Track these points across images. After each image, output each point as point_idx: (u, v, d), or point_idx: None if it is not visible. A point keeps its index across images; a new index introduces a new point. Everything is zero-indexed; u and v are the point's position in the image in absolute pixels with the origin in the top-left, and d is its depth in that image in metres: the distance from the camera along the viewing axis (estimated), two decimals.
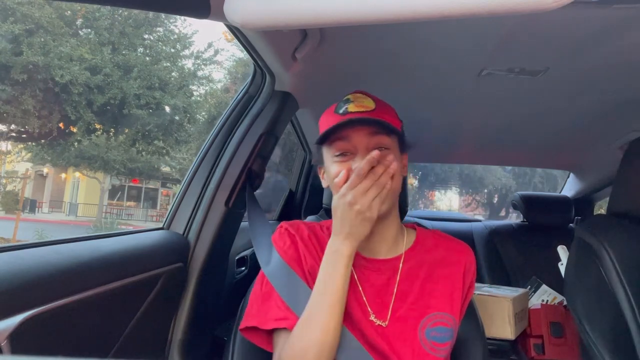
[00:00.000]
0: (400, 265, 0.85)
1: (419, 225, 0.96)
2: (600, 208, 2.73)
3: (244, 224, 1.42)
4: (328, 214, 2.10)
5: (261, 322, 0.80)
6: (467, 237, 2.33)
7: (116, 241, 0.93)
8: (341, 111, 0.84)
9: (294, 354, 0.74)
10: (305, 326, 0.75)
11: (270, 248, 0.89)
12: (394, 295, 0.83)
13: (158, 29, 12.12)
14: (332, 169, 0.83)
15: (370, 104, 0.84)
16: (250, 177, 1.20)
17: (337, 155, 0.83)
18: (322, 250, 0.81)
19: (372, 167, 0.73)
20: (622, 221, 1.12)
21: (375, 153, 0.73)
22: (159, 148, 12.55)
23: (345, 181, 0.76)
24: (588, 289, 1.12)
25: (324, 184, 0.91)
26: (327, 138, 0.82)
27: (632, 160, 1.10)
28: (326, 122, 0.85)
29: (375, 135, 0.81)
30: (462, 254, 0.89)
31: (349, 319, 0.80)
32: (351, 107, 0.84)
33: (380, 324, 0.81)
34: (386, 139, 0.81)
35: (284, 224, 0.91)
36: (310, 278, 0.83)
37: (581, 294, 1.15)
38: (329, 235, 0.81)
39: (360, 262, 0.85)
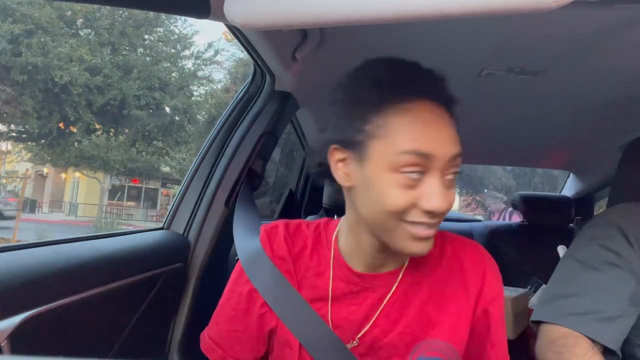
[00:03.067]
0: (398, 280, 0.69)
1: None
2: (600, 208, 2.73)
3: None
4: (328, 213, 2.10)
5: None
6: (467, 237, 2.32)
7: (116, 241, 0.93)
8: None
9: None
10: None
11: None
12: (377, 313, 0.69)
13: (158, 29, 12.13)
14: (389, 192, 0.59)
15: None
16: (250, 177, 1.20)
17: (406, 172, 0.58)
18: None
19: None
20: None
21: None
22: (158, 149, 12.56)
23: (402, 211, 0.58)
24: None
25: (343, 181, 0.64)
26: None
27: (631, 160, 1.10)
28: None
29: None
30: (474, 269, 0.70)
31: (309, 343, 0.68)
32: None
33: (351, 345, 0.69)
34: None
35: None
36: None
37: None
38: (312, 234, 0.74)
39: (360, 280, 0.70)
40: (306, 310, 0.69)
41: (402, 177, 0.58)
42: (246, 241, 0.79)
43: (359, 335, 0.69)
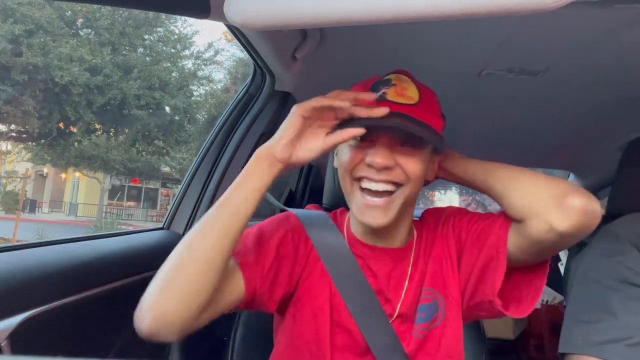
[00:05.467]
0: (412, 258, 0.81)
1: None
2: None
3: None
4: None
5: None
6: None
7: (116, 241, 0.93)
8: (378, 95, 0.72)
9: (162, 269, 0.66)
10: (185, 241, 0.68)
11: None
12: (404, 291, 0.79)
13: (158, 29, 12.13)
14: (345, 153, 0.75)
15: (413, 95, 0.73)
16: None
17: (354, 139, 0.73)
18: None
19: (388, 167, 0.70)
20: None
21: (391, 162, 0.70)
22: (159, 148, 12.57)
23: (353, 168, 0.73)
24: None
25: (335, 164, 0.83)
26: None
27: (631, 160, 1.10)
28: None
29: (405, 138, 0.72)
30: (439, 227, 0.84)
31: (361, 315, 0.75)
32: (391, 94, 0.72)
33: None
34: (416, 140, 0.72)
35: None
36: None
37: None
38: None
39: (372, 253, 0.81)
40: (358, 276, 0.77)
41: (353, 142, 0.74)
42: (302, 209, 0.86)
43: (395, 314, 0.78)
